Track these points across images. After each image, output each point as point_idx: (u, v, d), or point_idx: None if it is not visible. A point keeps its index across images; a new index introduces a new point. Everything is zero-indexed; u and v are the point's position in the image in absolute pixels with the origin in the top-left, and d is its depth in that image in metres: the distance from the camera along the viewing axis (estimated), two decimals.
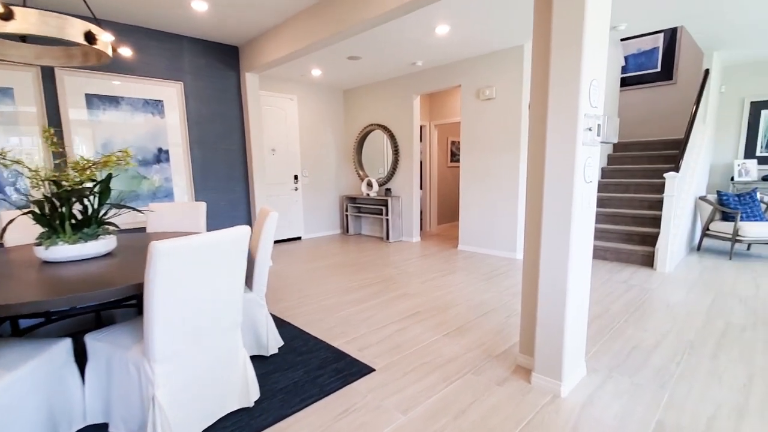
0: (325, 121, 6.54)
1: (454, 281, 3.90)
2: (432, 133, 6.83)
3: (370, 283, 3.92)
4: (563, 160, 1.80)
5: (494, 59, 4.68)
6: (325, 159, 6.62)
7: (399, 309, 3.17)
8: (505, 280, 3.90)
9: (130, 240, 2.48)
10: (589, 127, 1.78)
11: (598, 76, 1.83)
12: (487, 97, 4.77)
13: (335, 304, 3.31)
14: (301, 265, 4.70)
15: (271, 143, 5.87)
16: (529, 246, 2.13)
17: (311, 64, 5.04)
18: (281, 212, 6.10)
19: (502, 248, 4.91)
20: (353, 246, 5.80)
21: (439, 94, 6.67)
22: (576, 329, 1.98)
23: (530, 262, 2.14)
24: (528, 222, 2.12)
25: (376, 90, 6.18)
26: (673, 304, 3.18)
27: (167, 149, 3.93)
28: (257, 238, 2.30)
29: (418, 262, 4.70)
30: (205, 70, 4.11)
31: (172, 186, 3.97)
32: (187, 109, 4.01)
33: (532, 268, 2.13)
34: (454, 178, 7.42)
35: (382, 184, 6.33)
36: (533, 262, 2.12)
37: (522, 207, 4.69)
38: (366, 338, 2.64)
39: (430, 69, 5.35)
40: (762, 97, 5.54)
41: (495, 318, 2.95)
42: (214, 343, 1.68)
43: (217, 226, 4.30)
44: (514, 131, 4.61)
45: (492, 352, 2.41)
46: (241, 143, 4.44)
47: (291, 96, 6.03)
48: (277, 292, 3.66)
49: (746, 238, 4.42)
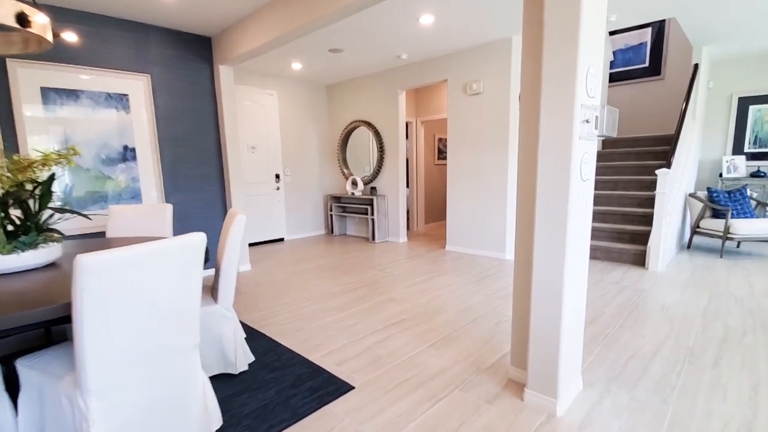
0: (307, 118, 6.30)
1: (441, 284, 3.72)
2: (418, 129, 6.65)
3: (353, 287, 3.72)
4: (558, 156, 1.63)
5: (481, 53, 4.51)
6: (308, 157, 6.38)
7: (383, 316, 2.98)
8: (494, 283, 3.74)
9: (84, 247, 2.23)
10: (586, 119, 1.61)
11: (595, 63, 1.66)
12: (475, 92, 4.60)
13: (315, 312, 3.10)
14: (282, 268, 4.47)
15: (251, 140, 5.62)
16: (520, 249, 1.95)
17: (291, 57, 4.80)
18: (262, 213, 5.85)
19: (491, 248, 4.76)
20: (338, 247, 5.58)
21: (425, 90, 6.48)
22: (572, 341, 1.81)
23: (522, 266, 1.96)
24: (519, 224, 1.94)
25: (360, 85, 5.96)
26: (669, 306, 3.05)
27: (134, 147, 3.66)
28: (223, 243, 2.08)
29: (405, 264, 4.51)
30: (175, 62, 3.84)
31: (140, 186, 3.70)
32: (155, 103, 3.74)
33: (524, 273, 1.96)
34: (441, 176, 7.26)
35: (368, 183, 6.13)
36: (525, 267, 1.95)
37: (511, 206, 4.54)
38: (346, 350, 2.44)
39: (416, 63, 5.16)
40: (750, 92, 5.49)
41: (484, 325, 2.78)
42: (165, 368, 1.46)
43: (190, 228, 4.05)
44: (502, 127, 4.45)
45: (481, 364, 2.23)
46: (216, 140, 4.18)
47: (271, 91, 5.78)
48: (253, 300, 3.43)
49: (737, 235, 4.35)
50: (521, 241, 1.94)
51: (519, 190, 1.92)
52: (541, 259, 1.73)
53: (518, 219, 1.94)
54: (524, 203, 1.91)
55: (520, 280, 1.98)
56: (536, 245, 1.74)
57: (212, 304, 2.06)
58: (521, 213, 1.93)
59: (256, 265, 4.66)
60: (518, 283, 1.99)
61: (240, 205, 4.30)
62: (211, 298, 2.13)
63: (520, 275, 1.97)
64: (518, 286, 1.99)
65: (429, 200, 7.10)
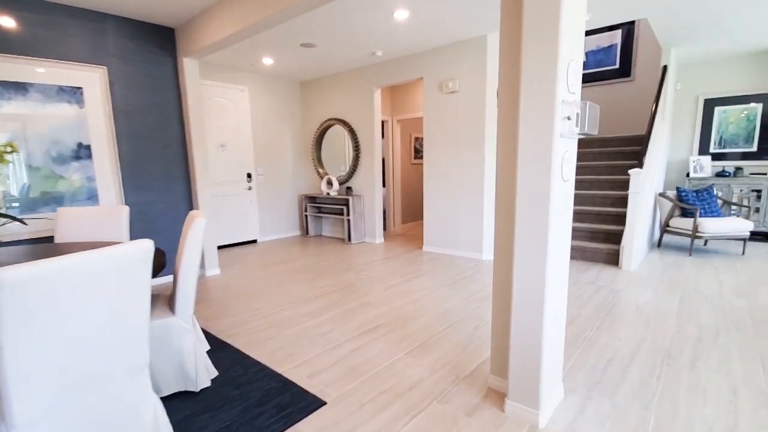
0: (280, 115, 6.10)
1: (418, 287, 3.63)
2: (395, 128, 6.55)
3: (328, 291, 3.57)
4: (538, 155, 1.55)
5: (457, 50, 4.45)
6: (281, 156, 6.17)
7: (358, 322, 2.86)
8: (471, 284, 3.67)
9: (26, 253, 2.00)
10: (567, 115, 1.53)
11: (576, 57, 1.59)
12: (451, 90, 4.54)
13: (288, 318, 2.94)
14: (253, 272, 4.27)
15: (220, 138, 5.37)
16: (499, 253, 1.87)
17: (261, 51, 4.60)
18: (234, 213, 5.61)
19: (468, 249, 4.71)
20: (313, 249, 5.41)
21: (401, 88, 6.39)
22: (554, 347, 1.74)
23: (501, 270, 1.88)
24: (498, 226, 1.86)
25: (334, 82, 5.81)
26: (643, 306, 3.06)
27: (89, 144, 3.39)
28: (181, 249, 1.91)
29: (381, 266, 4.40)
30: (134, 53, 3.59)
31: (96, 186, 3.44)
32: (112, 97, 3.48)
33: (504, 278, 1.88)
34: (418, 176, 7.19)
35: (343, 183, 5.98)
36: (504, 272, 1.87)
37: (488, 206, 4.50)
38: (319, 361, 2.30)
39: (391, 60, 5.05)
40: (715, 94, 5.66)
41: (462, 329, 2.70)
42: (106, 394, 1.29)
43: (152, 231, 3.80)
44: (478, 126, 4.40)
45: (460, 372, 2.15)
46: (181, 137, 3.95)
47: (241, 87, 5.55)
48: (222, 307, 3.24)
49: (705, 234, 4.45)
50: (501, 244, 1.86)
51: (498, 190, 1.84)
52: (521, 263, 1.65)
53: (497, 221, 1.86)
54: (503, 205, 1.83)
55: (500, 284, 1.89)
56: (516, 249, 1.66)
57: (169, 316, 1.88)
58: (500, 215, 1.85)
59: (227, 269, 4.44)
60: (498, 287, 1.91)
61: (207, 206, 4.08)
62: (168, 309, 1.95)
63: (500, 280, 1.89)
64: (498, 291, 1.91)
65: (406, 200, 7.02)
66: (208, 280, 3.99)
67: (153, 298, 2.09)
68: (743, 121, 5.53)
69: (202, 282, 3.94)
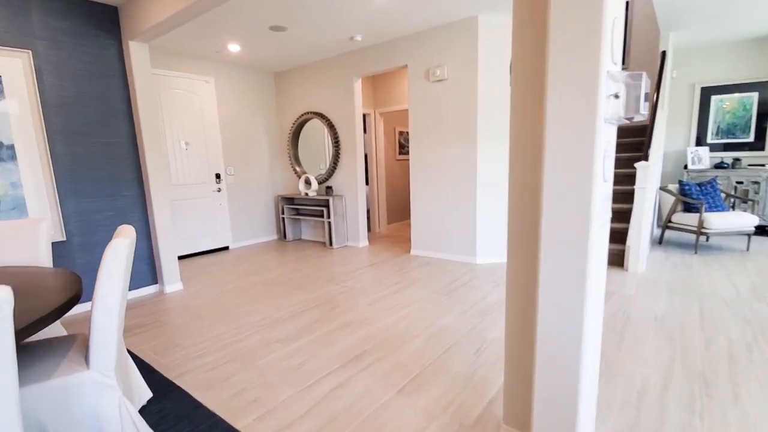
0: (252, 109, 5.57)
1: (407, 299, 3.21)
2: (377, 122, 6.10)
3: (305, 307, 3.12)
4: (575, 146, 1.14)
5: (445, 34, 4.02)
6: (254, 154, 5.65)
7: (340, 348, 2.42)
8: (467, 294, 3.28)
9: None
10: (615, 92, 1.12)
11: (619, 14, 1.18)
12: (438, 78, 4.11)
13: (255, 347, 2.48)
14: (220, 285, 3.78)
15: (184, 135, 4.83)
16: (515, 273, 1.46)
17: (225, 36, 4.08)
18: (201, 218, 5.08)
19: (460, 252, 4.31)
20: (291, 255, 4.94)
21: (383, 78, 5.93)
22: (590, 393, 1.34)
23: (517, 294, 1.47)
24: (513, 238, 1.44)
25: (311, 72, 5.32)
26: (662, 317, 2.72)
27: (11, 144, 2.84)
28: (96, 284, 1.43)
29: (366, 274, 3.97)
30: (68, 36, 3.04)
31: (23, 194, 2.89)
32: (40, 87, 2.93)
33: (521, 303, 1.47)
34: (403, 173, 6.76)
35: (323, 182, 5.51)
36: (522, 296, 1.46)
37: (481, 206, 4.11)
38: (290, 408, 1.85)
39: (372, 47, 4.60)
40: (712, 82, 5.40)
41: (461, 354, 2.29)
42: None
43: (93, 244, 3.27)
44: (469, 117, 3.99)
45: (464, 417, 1.74)
46: (130, 133, 3.41)
47: (207, 78, 5.00)
48: (176, 333, 2.75)
49: (711, 230, 4.17)
50: (516, 260, 1.45)
51: (512, 194, 1.42)
52: (550, 289, 1.24)
53: (511, 232, 1.45)
54: (519, 212, 1.41)
55: (516, 312, 1.48)
56: (543, 271, 1.25)
57: (81, 370, 1.40)
58: (515, 224, 1.43)
59: (190, 282, 3.93)
60: (512, 316, 1.50)
61: (164, 213, 3.56)
62: (82, 359, 1.47)
63: (516, 306, 1.48)
64: (512, 319, 1.50)
65: (391, 199, 6.59)
66: (165, 298, 3.48)
67: (66, 341, 1.60)
68: (740, 110, 5.28)
69: (159, 300, 3.43)
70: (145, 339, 2.67)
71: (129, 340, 2.65)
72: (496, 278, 3.67)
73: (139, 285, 3.56)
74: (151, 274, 3.63)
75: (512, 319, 1.49)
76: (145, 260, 3.59)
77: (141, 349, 2.51)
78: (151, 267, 3.63)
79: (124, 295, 1.53)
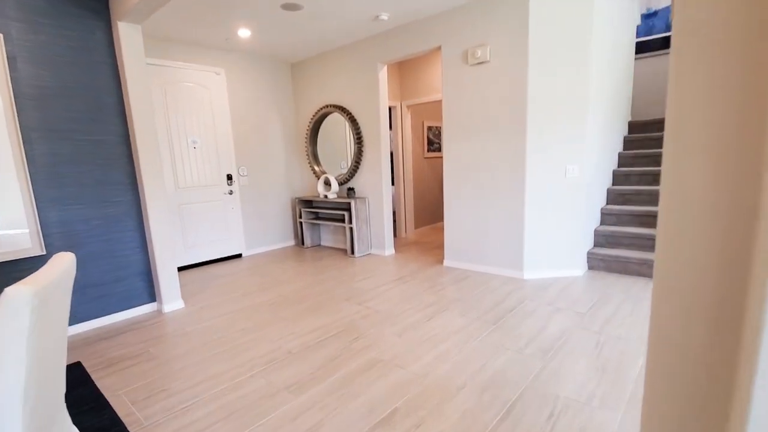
0: (267, 103, 5.08)
1: (446, 328, 2.62)
2: (404, 116, 5.50)
3: (321, 336, 2.58)
4: None
5: (487, 5, 3.39)
6: (269, 152, 5.17)
7: (363, 403, 1.85)
8: (521, 322, 2.65)
9: None
10: None
11: None
12: (479, 61, 3.48)
13: (256, 399, 1.95)
14: (226, 305, 3.29)
15: (192, 132, 4.39)
16: (667, 310, 0.84)
17: (234, 19, 3.59)
18: (211, 224, 4.63)
19: (503, 264, 3.67)
20: (308, 265, 4.42)
21: (411, 65, 5.33)
22: None
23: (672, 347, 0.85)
24: (663, 264, 0.82)
25: (330, 60, 4.78)
26: None
27: None
28: None
29: (393, 292, 3.39)
30: (47, 17, 2.60)
31: None
32: (14, 77, 2.51)
33: (680, 362, 0.84)
34: (432, 171, 6.14)
35: (344, 183, 4.97)
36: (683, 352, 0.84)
37: (531, 209, 3.45)
38: None
39: (399, 27, 4.00)
40: None
41: (530, 421, 1.68)
42: None
43: (81, 259, 2.83)
44: (518, 105, 3.35)
45: None
46: (123, 131, 2.96)
47: (217, 69, 4.54)
48: (164, 372, 2.26)
49: None
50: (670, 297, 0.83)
51: (665, 198, 0.80)
52: None
53: (661, 247, 0.83)
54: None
55: (664, 376, 0.86)
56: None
57: None
58: (668, 242, 0.81)
59: (193, 299, 3.46)
60: (657, 382, 0.88)
61: (163, 220, 3.09)
62: None
63: (667, 365, 0.86)
64: (655, 387, 0.88)
65: (419, 200, 5.98)
66: (163, 320, 3.01)
67: None
68: None
69: (154, 323, 2.97)
70: (126, 379, 2.18)
71: (106, 381, 2.17)
72: (552, 299, 3.02)
73: (133, 304, 3.11)
74: (147, 291, 3.18)
75: (659, 374, 0.87)
76: (141, 276, 3.13)
77: (117, 395, 2.02)
78: (147, 283, 3.17)
79: (48, 367, 1.01)
